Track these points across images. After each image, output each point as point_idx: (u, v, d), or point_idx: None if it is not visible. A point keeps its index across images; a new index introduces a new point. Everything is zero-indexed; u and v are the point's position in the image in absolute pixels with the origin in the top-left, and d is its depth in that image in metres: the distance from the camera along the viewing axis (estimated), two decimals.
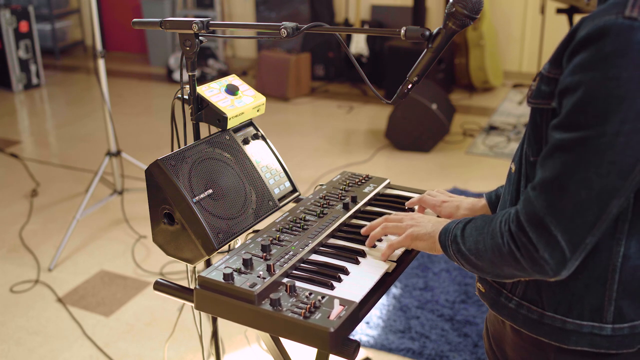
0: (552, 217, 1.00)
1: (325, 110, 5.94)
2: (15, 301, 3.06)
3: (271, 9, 7.06)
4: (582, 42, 0.98)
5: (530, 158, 1.12)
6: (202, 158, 1.44)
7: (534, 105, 1.10)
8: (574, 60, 0.99)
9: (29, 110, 6.30)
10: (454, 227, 1.20)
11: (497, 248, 1.08)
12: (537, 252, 1.01)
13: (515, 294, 1.17)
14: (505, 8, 6.34)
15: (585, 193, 0.98)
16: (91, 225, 3.77)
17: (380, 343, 2.68)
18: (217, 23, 1.47)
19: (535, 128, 1.10)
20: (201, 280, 1.24)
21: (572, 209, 0.99)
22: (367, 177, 1.69)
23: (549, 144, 1.03)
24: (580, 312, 1.11)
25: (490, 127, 5.22)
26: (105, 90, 3.57)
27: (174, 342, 2.72)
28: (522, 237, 1.03)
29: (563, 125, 1.01)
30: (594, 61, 0.96)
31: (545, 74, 1.07)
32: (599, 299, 1.09)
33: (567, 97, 1.00)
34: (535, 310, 1.14)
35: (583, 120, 0.98)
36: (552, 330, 1.13)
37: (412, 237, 1.29)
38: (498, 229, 1.08)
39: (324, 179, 4.24)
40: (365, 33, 1.88)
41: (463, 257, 1.16)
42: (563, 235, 1.00)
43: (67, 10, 8.18)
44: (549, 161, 1.02)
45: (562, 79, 1.01)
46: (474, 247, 1.13)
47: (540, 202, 1.01)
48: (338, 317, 1.12)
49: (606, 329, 1.10)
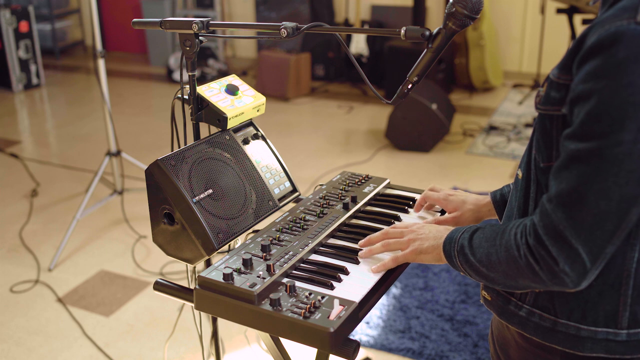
0: (572, 229, 0.98)
1: (325, 110, 5.94)
2: (15, 301, 3.06)
3: (271, 9, 7.06)
4: (593, 48, 0.96)
5: (540, 164, 1.10)
6: (202, 158, 1.44)
7: (543, 112, 1.08)
8: (584, 68, 0.97)
9: (29, 110, 6.30)
10: (460, 237, 1.18)
11: (513, 261, 1.06)
12: (557, 266, 1.00)
13: (525, 301, 1.16)
14: (505, 8, 6.34)
15: (604, 203, 0.96)
16: (91, 225, 3.77)
17: (380, 343, 2.68)
18: (217, 23, 1.47)
19: (544, 134, 1.08)
20: (201, 280, 1.24)
21: (592, 220, 0.97)
22: (367, 177, 1.69)
23: (564, 154, 1.01)
24: (595, 319, 1.09)
25: (490, 127, 5.22)
26: (105, 90, 3.57)
27: (174, 342, 2.72)
28: (541, 251, 1.01)
29: (577, 135, 0.98)
30: (607, 68, 0.94)
31: (554, 79, 1.05)
32: (614, 305, 1.08)
33: (580, 105, 0.98)
34: (548, 318, 1.13)
35: (598, 130, 0.95)
36: (566, 337, 1.11)
37: (416, 251, 1.26)
38: (513, 242, 1.06)
39: (324, 179, 4.24)
40: (365, 33, 1.88)
41: (472, 268, 1.14)
42: (584, 247, 0.98)
43: (67, 10, 8.18)
44: (565, 172, 1.00)
45: (574, 87, 0.99)
46: (485, 258, 1.11)
47: (559, 214, 0.99)
48: (338, 317, 1.12)
49: (621, 334, 1.08)
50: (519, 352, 1.22)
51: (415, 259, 1.28)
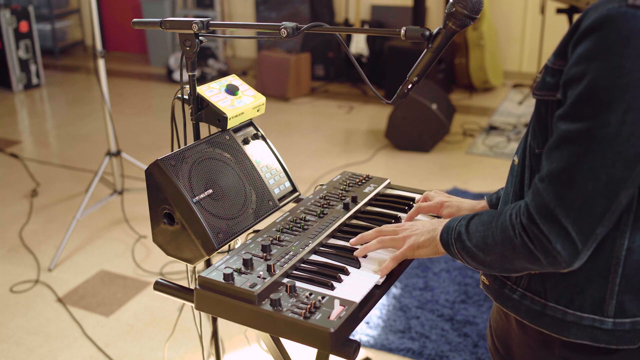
0: (561, 208, 1.00)
1: (325, 110, 5.94)
2: (15, 301, 3.06)
3: (271, 9, 7.06)
4: (585, 31, 0.98)
5: (535, 150, 1.12)
6: (202, 158, 1.44)
7: (539, 97, 1.09)
8: (577, 50, 0.99)
9: (29, 110, 6.30)
10: (457, 225, 1.19)
11: (509, 241, 1.07)
12: (550, 244, 1.01)
13: (519, 285, 1.17)
14: (505, 8, 6.34)
15: (592, 184, 0.98)
16: (91, 225, 3.77)
17: (380, 343, 2.68)
18: (217, 23, 1.47)
19: (539, 120, 1.10)
20: (201, 280, 1.23)
21: (581, 200, 0.98)
22: (367, 177, 1.69)
23: (555, 135, 1.03)
24: (581, 304, 1.10)
25: (490, 127, 5.22)
26: (105, 90, 3.57)
27: (174, 342, 2.72)
28: (534, 229, 1.02)
29: (568, 115, 1.00)
30: (597, 50, 0.96)
31: (550, 65, 1.07)
32: (601, 292, 1.08)
33: (572, 87, 1.00)
34: (539, 302, 1.14)
35: (587, 111, 0.97)
36: (553, 321, 1.12)
37: (413, 247, 1.26)
38: (509, 222, 1.07)
39: (324, 179, 4.24)
40: (365, 33, 1.88)
41: (469, 254, 1.15)
42: (573, 227, 0.99)
43: (67, 10, 8.18)
44: (556, 152, 1.01)
45: (567, 70, 1.01)
46: (481, 242, 1.12)
47: (549, 193, 1.01)
48: (338, 317, 1.12)
49: (607, 322, 1.09)
50: (520, 345, 1.22)
51: (413, 255, 1.28)
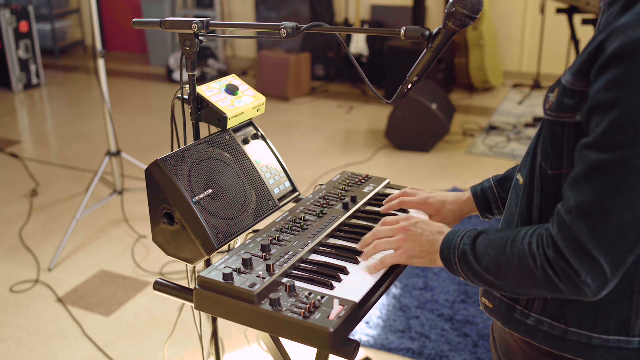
0: (594, 242, 0.96)
1: (325, 110, 5.94)
2: (15, 301, 3.06)
3: (271, 9, 7.06)
4: (615, 56, 0.93)
5: (548, 172, 1.08)
6: (202, 158, 1.44)
7: (555, 119, 1.05)
8: (606, 76, 0.94)
9: (29, 110, 6.30)
10: (460, 243, 1.14)
11: (528, 271, 1.03)
12: (578, 277, 0.98)
13: (532, 310, 1.14)
14: (505, 8, 6.34)
15: (629, 215, 0.94)
16: (91, 225, 3.77)
17: (380, 343, 2.68)
18: (217, 23, 1.47)
19: (555, 141, 1.06)
20: (201, 280, 1.23)
21: (615, 232, 0.95)
22: (367, 177, 1.69)
23: (583, 164, 0.98)
24: (607, 327, 1.08)
25: (490, 127, 5.22)
26: (105, 90, 3.57)
27: (174, 342, 2.72)
28: (562, 263, 0.99)
29: (599, 145, 0.95)
30: (631, 77, 0.92)
31: (568, 86, 1.02)
32: (626, 313, 1.07)
33: (601, 114, 0.95)
34: (558, 327, 1.11)
35: (622, 140, 0.93)
36: (577, 346, 1.10)
37: (408, 256, 1.24)
38: (528, 252, 1.03)
39: (324, 179, 4.24)
40: (365, 33, 1.88)
41: (476, 276, 1.11)
42: (606, 259, 0.96)
43: (67, 10, 8.18)
44: (585, 184, 0.97)
45: (594, 95, 0.96)
46: (493, 267, 1.08)
47: (580, 227, 0.97)
48: (338, 317, 1.12)
49: (633, 342, 1.07)
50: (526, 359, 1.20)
51: (407, 262, 1.25)
